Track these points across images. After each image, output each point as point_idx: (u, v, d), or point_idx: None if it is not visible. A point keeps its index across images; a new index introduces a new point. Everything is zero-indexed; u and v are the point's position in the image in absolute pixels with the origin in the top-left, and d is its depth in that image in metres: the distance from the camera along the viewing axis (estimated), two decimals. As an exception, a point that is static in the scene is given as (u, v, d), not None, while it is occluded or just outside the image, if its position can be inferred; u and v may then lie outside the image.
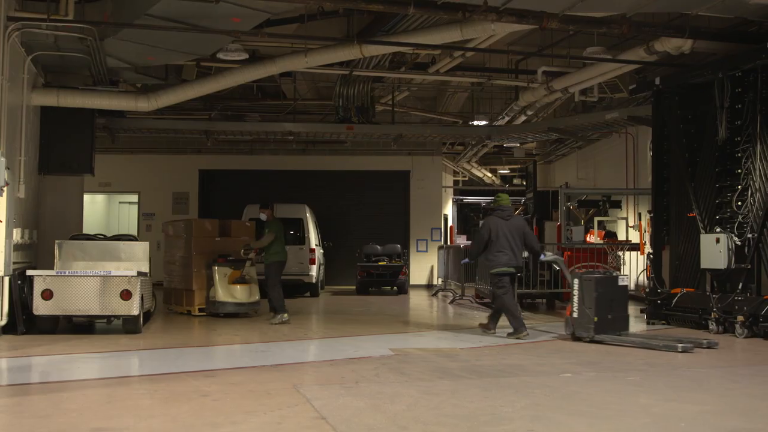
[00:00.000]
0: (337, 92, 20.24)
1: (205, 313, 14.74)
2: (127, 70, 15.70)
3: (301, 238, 20.38)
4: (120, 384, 8.15)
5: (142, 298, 11.83)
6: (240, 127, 22.06)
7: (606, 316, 11.14)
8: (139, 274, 11.80)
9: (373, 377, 8.24)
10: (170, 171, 25.21)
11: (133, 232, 24.47)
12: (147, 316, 13.35)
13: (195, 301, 14.96)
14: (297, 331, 12.59)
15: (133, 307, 11.53)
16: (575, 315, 11.32)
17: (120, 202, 27.89)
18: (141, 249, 13.80)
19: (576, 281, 11.36)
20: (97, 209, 26.86)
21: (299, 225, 20.54)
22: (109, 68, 15.01)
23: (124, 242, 14.06)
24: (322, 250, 22.05)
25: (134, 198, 26.04)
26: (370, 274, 21.82)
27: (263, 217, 14.33)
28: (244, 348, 11.02)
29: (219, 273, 14.53)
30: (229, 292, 14.44)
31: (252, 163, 25.52)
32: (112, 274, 11.61)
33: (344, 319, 14.76)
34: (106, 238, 14.62)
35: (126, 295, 11.46)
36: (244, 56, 15.71)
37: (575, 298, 11.31)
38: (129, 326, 11.81)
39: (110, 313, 11.62)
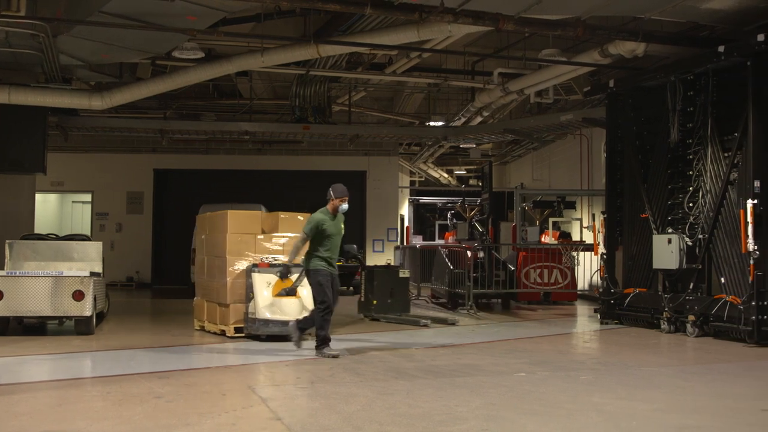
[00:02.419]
0: (293, 92, 20.17)
1: (243, 334, 11.38)
2: (80, 68, 15.51)
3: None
4: (72, 386, 8.05)
5: (95, 299, 11.69)
6: (195, 126, 21.89)
7: (386, 300, 14.31)
8: (92, 274, 11.67)
9: (329, 378, 8.23)
10: (124, 170, 24.93)
11: (86, 231, 24.14)
12: (100, 317, 13.20)
13: (230, 318, 11.51)
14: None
15: (86, 308, 11.39)
16: (362, 299, 14.61)
17: (73, 202, 27.52)
18: (94, 249, 13.64)
19: (364, 273, 14.76)
20: (49, 209, 26.48)
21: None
22: (63, 65, 14.81)
23: (76, 242, 13.89)
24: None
25: (87, 197, 25.71)
26: (325, 274, 21.72)
27: (344, 208, 10.00)
28: (199, 349, 10.95)
29: (260, 282, 11.17)
30: (273, 307, 11.01)
31: (207, 162, 25.34)
32: (64, 275, 11.46)
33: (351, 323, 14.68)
34: (58, 238, 14.43)
35: (78, 295, 11.32)
36: (200, 55, 15.61)
37: (362, 287, 14.61)
38: (81, 327, 11.66)
39: (62, 314, 11.47)
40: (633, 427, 6.19)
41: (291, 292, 10.86)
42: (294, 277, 10.56)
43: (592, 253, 16.62)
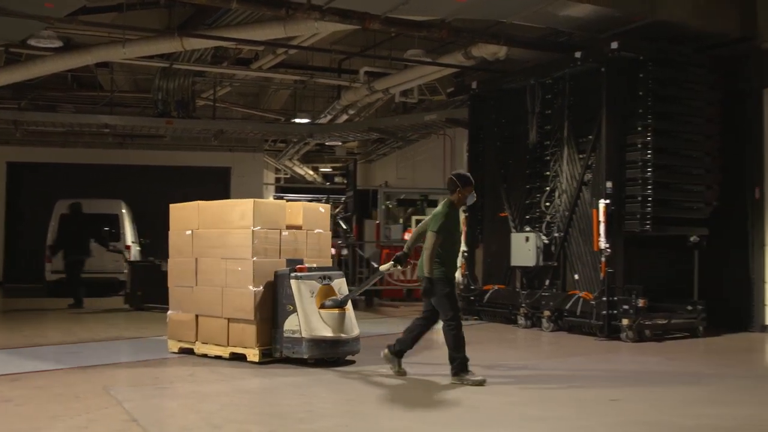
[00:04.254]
0: (156, 85, 19.73)
1: (273, 358, 8.91)
2: (-74, 54, 14.70)
3: (117, 235, 19.74)
4: None
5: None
6: (52, 118, 21.04)
7: (150, 290, 15.15)
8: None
9: (188, 377, 8.09)
10: (-26, 163, 23.74)
11: (-68, 227, 22.91)
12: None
13: (255, 339, 8.88)
14: (110, 330, 12.17)
15: (-70, 307, 10.77)
16: (128, 291, 15.91)
17: None
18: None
19: (130, 268, 16.16)
20: None
21: (114, 221, 19.89)
22: None
23: None
24: (138, 248, 21.43)
25: (-66, 191, 24.37)
26: (189, 271, 21.33)
27: (472, 199, 8.35)
28: (52, 349, 10.50)
29: (304, 291, 8.82)
30: (320, 321, 8.73)
31: (65, 156, 24.35)
32: None
33: (160, 318, 14.34)
34: None
35: None
36: (58, 44, 15.04)
37: (128, 282, 16.00)
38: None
39: None
40: (489, 417, 6.35)
41: (342, 303, 8.92)
42: (335, 282, 9.08)
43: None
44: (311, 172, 32.31)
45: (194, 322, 9.56)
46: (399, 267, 8.63)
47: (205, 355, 9.28)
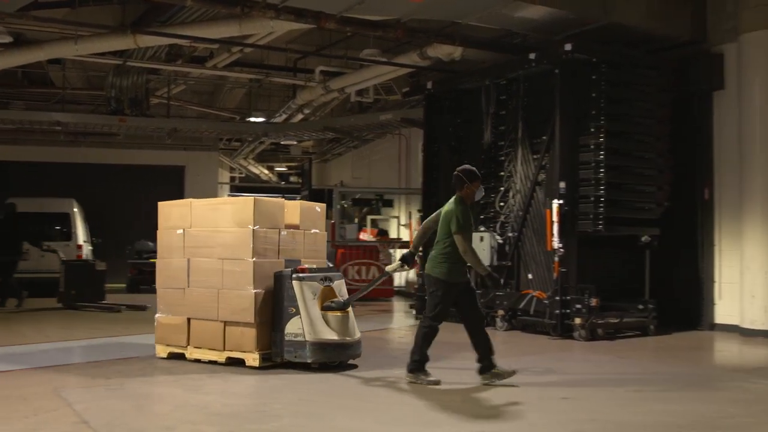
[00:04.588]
0: (109, 82, 19.50)
1: (274, 363, 8.54)
2: None
3: (68, 234, 19.48)
4: None
5: None
6: (2, 115, 20.70)
7: (83, 289, 15.71)
8: None
9: (140, 378, 8.00)
10: None
11: None
12: None
13: (256, 342, 8.51)
14: (60, 331, 12.00)
15: None
16: (62, 290, 15.65)
17: None
18: None
19: (64, 266, 15.90)
20: None
21: (66, 220, 19.61)
22: None
23: None
24: (90, 247, 21.17)
25: None
26: (142, 271, 21.08)
27: (480, 193, 8.35)
28: (0, 350, 10.34)
29: (307, 292, 8.47)
30: (324, 324, 8.41)
31: (15, 154, 23.94)
32: None
33: (112, 319, 14.21)
34: None
35: None
36: (8, 39, 14.82)
37: (62, 280, 15.73)
38: None
39: None
40: (442, 419, 6.38)
41: (345, 305, 8.61)
42: (335, 284, 8.75)
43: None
44: (266, 171, 32.17)
45: (185, 325, 9.05)
46: (406, 267, 8.33)
47: (198, 360, 8.85)
